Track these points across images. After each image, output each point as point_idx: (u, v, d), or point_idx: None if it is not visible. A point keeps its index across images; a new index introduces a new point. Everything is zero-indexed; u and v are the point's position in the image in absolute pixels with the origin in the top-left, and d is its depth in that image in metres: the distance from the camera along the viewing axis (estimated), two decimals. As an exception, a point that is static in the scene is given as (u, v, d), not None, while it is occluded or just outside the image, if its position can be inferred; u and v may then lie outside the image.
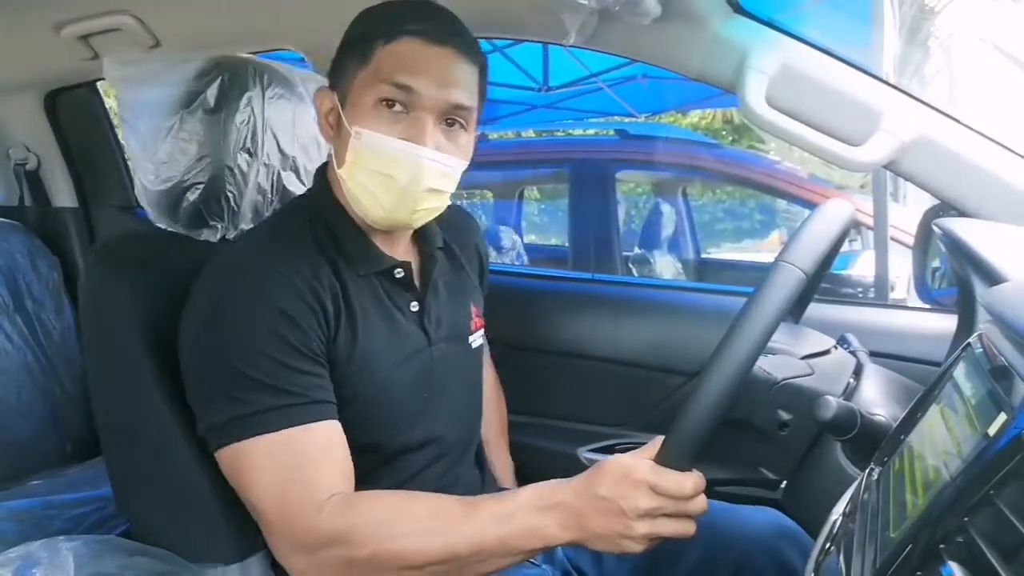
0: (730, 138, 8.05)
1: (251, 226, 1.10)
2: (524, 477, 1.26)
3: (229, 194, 1.08)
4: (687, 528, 0.76)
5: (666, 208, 3.94)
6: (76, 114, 1.65)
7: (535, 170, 4.39)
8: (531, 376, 1.46)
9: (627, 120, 4.57)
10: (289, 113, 1.12)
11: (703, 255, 4.38)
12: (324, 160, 0.99)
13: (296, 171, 1.15)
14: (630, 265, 3.73)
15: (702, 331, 1.33)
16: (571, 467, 1.32)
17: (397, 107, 0.86)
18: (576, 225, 3.73)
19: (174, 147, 1.05)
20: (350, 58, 0.90)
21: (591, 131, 4.84)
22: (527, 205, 5.01)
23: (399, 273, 0.96)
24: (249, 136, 1.08)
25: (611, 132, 4.08)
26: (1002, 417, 0.46)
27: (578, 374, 1.44)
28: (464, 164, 0.92)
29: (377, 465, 0.92)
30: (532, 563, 1.03)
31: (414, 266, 0.99)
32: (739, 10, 1.06)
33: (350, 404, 0.88)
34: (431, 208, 0.92)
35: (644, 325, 1.43)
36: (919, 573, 0.46)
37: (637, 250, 3.83)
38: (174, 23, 1.32)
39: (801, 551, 0.99)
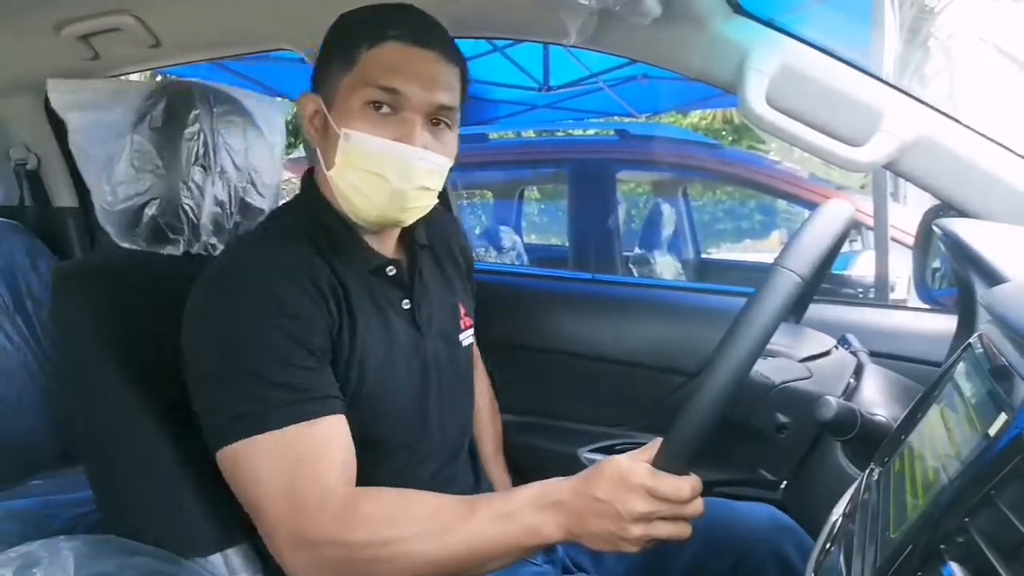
0: (730, 138, 8.06)
1: (213, 239, 1.13)
2: (524, 477, 1.25)
3: (187, 207, 1.11)
4: (682, 531, 0.76)
5: (666, 208, 3.94)
6: (76, 114, 1.65)
7: (535, 170, 4.39)
8: (531, 376, 1.46)
9: (627, 120, 4.57)
10: (240, 128, 1.16)
11: (703, 255, 4.38)
12: (279, 176, 1.03)
13: (253, 184, 1.18)
14: (630, 265, 3.73)
15: (702, 331, 1.33)
16: (571, 467, 1.32)
17: (384, 109, 0.89)
18: (576, 225, 3.73)
19: (128, 166, 1.08)
20: (334, 62, 0.92)
21: (591, 131, 4.84)
22: (527, 205, 5.01)
23: (391, 271, 0.97)
24: (201, 151, 1.11)
25: (611, 132, 4.08)
26: (1002, 417, 0.46)
27: (578, 374, 1.44)
28: (450, 162, 0.94)
29: (372, 461, 0.92)
30: (532, 562, 1.03)
31: (403, 265, 1.01)
32: (739, 10, 1.06)
33: (347, 400, 0.89)
34: (421, 206, 0.94)
35: (644, 325, 1.43)
36: (920, 573, 0.46)
37: (637, 250, 3.83)
38: (174, 23, 1.32)
39: (799, 546, 0.99)
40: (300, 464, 0.82)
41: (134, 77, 1.64)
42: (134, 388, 0.96)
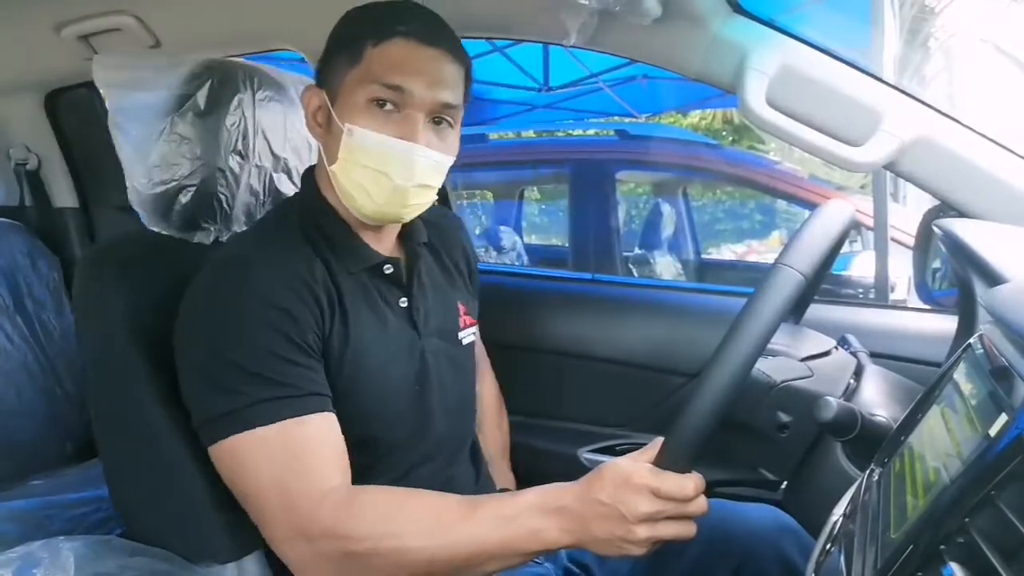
0: (730, 138, 8.05)
1: (244, 228, 1.10)
2: (524, 478, 1.25)
3: (221, 196, 1.09)
4: (688, 530, 0.76)
5: (666, 208, 3.94)
6: (76, 114, 1.65)
7: (535, 170, 4.39)
8: (532, 376, 1.46)
9: (627, 120, 4.58)
10: (280, 115, 1.13)
11: (703, 255, 4.38)
12: (315, 162, 1.00)
13: (288, 172, 1.16)
14: (630, 265, 3.73)
15: (702, 331, 1.33)
16: (572, 468, 1.32)
17: (388, 106, 0.89)
18: (576, 225, 3.73)
19: (166, 150, 1.05)
20: (339, 58, 0.91)
21: (591, 131, 4.84)
22: (527, 205, 5.01)
23: (388, 269, 0.97)
24: (240, 138, 1.09)
25: (611, 132, 4.08)
26: (1003, 418, 0.46)
27: (579, 374, 1.44)
28: (452, 159, 0.94)
29: (372, 461, 0.92)
30: (535, 561, 1.03)
31: (401, 263, 1.00)
32: (739, 10, 1.06)
33: (344, 398, 0.89)
34: (422, 203, 0.95)
35: (644, 325, 1.43)
36: (920, 574, 0.46)
37: (637, 250, 3.83)
38: (174, 23, 1.32)
39: (802, 547, 0.99)
40: (293, 460, 0.82)
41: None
42: (158, 381, 0.94)
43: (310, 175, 0.99)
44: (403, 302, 0.99)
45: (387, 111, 0.89)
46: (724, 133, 8.22)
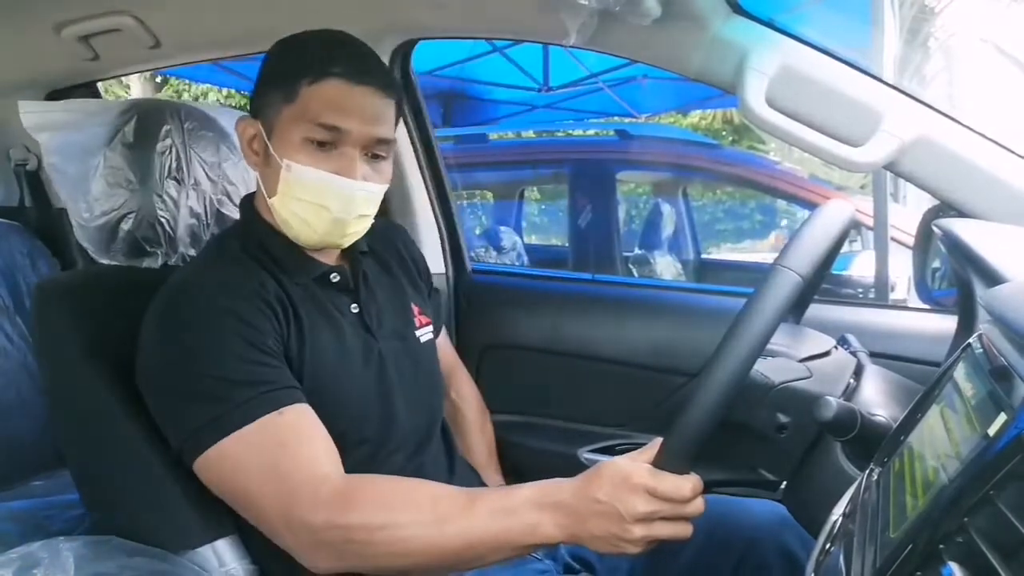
0: (730, 138, 8.05)
1: (191, 250, 1.15)
2: (523, 478, 1.25)
3: (163, 219, 1.12)
4: (684, 530, 0.76)
5: (666, 208, 3.93)
6: (76, 114, 1.66)
7: (535, 170, 4.39)
8: (531, 376, 1.46)
9: (627, 120, 4.58)
10: (212, 143, 1.17)
11: (703, 255, 4.38)
12: (253, 188, 1.04)
13: (228, 196, 1.19)
14: (630, 265, 3.73)
15: (702, 331, 1.33)
16: (571, 468, 1.32)
17: (326, 145, 0.92)
18: (576, 225, 3.73)
19: (103, 183, 1.10)
20: (274, 93, 0.94)
21: (591, 131, 4.84)
22: (527, 205, 5.01)
23: (335, 277, 1.01)
24: (173, 163, 1.12)
25: (611, 132, 4.08)
26: (1002, 417, 0.46)
27: (578, 374, 1.44)
28: (386, 187, 0.99)
29: (341, 453, 0.93)
30: (535, 557, 1.04)
31: (347, 270, 1.04)
32: (739, 10, 1.06)
33: (308, 402, 0.90)
34: (360, 231, 1.00)
35: (644, 325, 1.43)
36: (919, 573, 0.46)
37: (637, 250, 3.83)
38: (174, 23, 1.32)
39: (803, 541, 1.00)
40: (283, 450, 0.84)
41: (134, 78, 1.65)
42: (114, 390, 0.98)
43: (248, 202, 1.03)
44: (354, 308, 1.02)
45: (324, 149, 0.92)
46: (724, 133, 8.22)
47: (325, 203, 0.93)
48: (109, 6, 1.29)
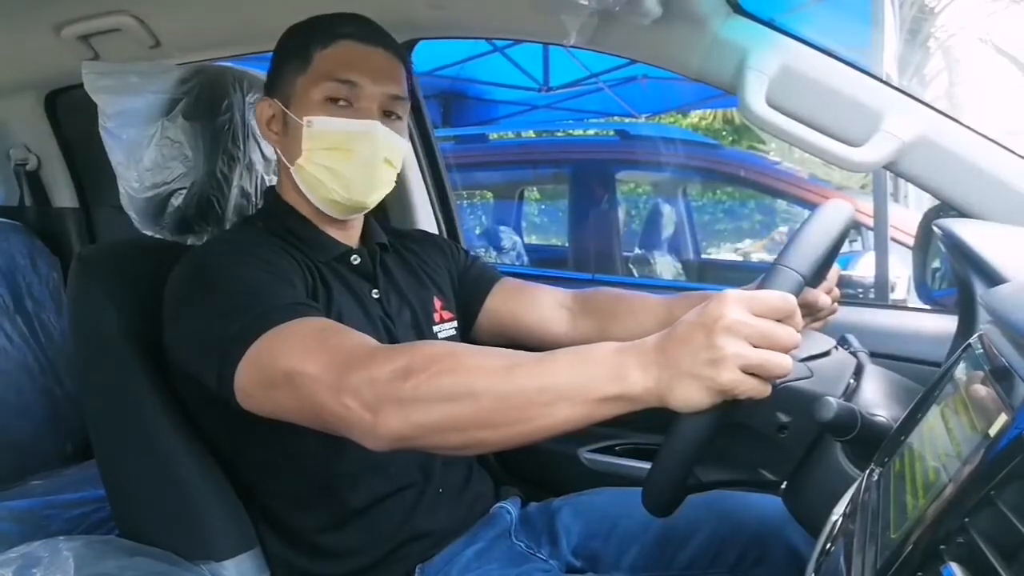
0: (730, 138, 8.05)
1: None
2: (523, 478, 1.25)
3: (213, 198, 1.11)
4: (778, 363, 0.65)
5: (666, 208, 3.93)
6: (76, 114, 1.65)
7: (535, 170, 4.39)
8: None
9: (627, 120, 4.58)
10: None
11: (703, 255, 4.38)
12: None
13: (277, 175, 1.17)
14: (630, 265, 3.73)
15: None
16: (571, 467, 1.32)
17: (342, 103, 0.96)
18: (576, 226, 3.73)
19: (157, 154, 1.07)
20: (288, 66, 0.99)
21: (591, 131, 4.84)
22: (527, 205, 5.01)
23: (356, 259, 1.04)
24: (231, 141, 1.11)
25: (611, 132, 4.08)
26: (1002, 418, 0.46)
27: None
28: (406, 145, 1.03)
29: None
30: (538, 556, 1.05)
31: (367, 255, 1.06)
32: (739, 10, 1.06)
33: None
34: (387, 181, 1.01)
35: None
36: (920, 574, 0.46)
37: (637, 250, 3.83)
38: (174, 23, 1.32)
39: (807, 536, 0.99)
40: (324, 333, 0.79)
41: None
42: (153, 382, 0.96)
43: (271, 191, 1.06)
44: (375, 293, 1.04)
45: (342, 107, 0.95)
46: (724, 133, 8.21)
47: (351, 146, 0.95)
48: (109, 6, 1.29)
